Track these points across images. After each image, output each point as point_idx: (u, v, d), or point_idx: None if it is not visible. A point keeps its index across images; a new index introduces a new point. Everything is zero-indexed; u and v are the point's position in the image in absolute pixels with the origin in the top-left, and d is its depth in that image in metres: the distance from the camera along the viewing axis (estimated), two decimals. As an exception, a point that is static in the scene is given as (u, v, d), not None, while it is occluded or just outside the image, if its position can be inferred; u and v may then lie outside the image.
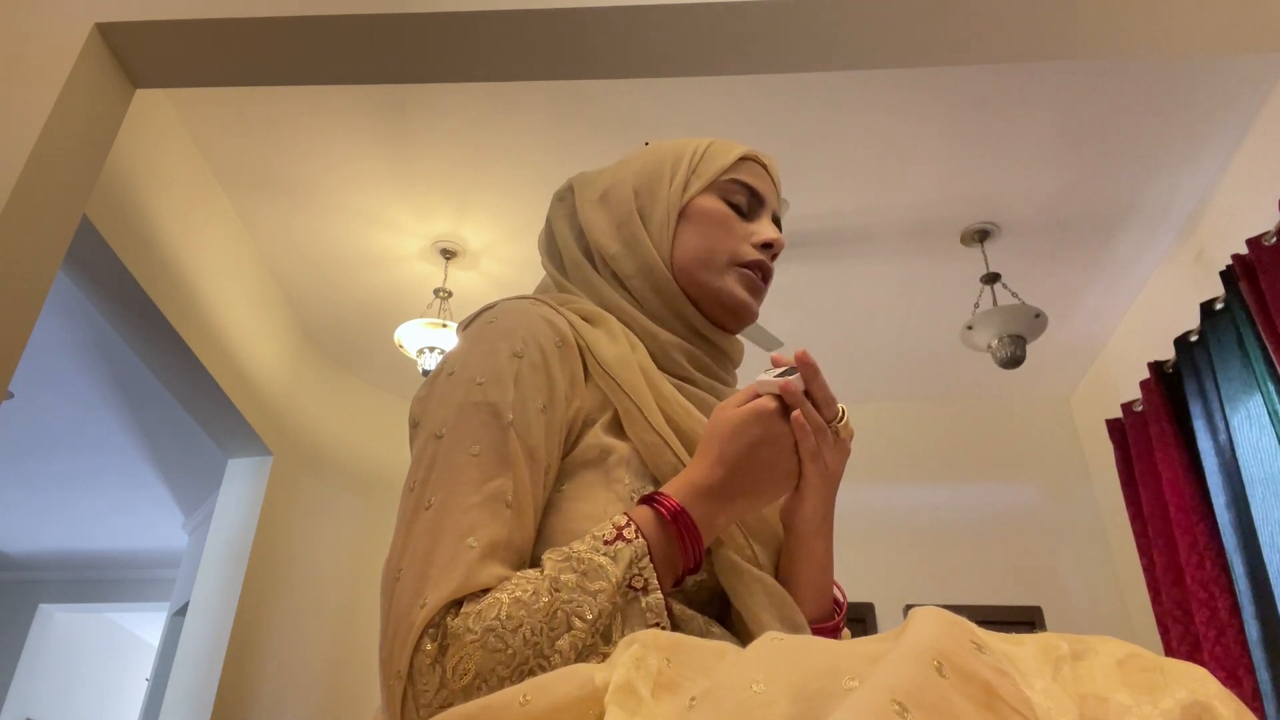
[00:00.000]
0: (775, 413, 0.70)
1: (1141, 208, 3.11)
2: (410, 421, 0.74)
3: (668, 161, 0.88)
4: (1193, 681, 0.45)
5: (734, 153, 0.88)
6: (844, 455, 0.75)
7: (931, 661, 0.41)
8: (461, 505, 0.64)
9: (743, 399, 0.72)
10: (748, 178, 0.88)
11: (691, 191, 0.86)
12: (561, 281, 0.89)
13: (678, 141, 0.91)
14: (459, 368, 0.72)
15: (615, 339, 0.79)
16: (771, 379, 0.72)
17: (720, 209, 0.86)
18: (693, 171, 0.87)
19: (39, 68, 1.93)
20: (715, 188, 0.87)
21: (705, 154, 0.88)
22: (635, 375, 0.76)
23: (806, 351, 0.72)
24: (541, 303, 0.78)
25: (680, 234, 0.85)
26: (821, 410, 0.72)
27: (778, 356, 0.75)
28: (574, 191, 0.92)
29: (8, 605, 5.99)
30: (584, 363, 0.77)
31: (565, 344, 0.75)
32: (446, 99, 2.80)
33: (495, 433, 0.67)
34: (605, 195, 0.89)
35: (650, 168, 0.89)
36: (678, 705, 0.46)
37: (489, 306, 0.78)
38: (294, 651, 3.65)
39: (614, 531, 0.65)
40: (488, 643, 0.58)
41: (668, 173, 0.87)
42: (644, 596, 0.63)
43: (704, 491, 0.68)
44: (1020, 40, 2.01)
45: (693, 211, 0.86)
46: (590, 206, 0.89)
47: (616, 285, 0.86)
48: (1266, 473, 2.57)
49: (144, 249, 2.76)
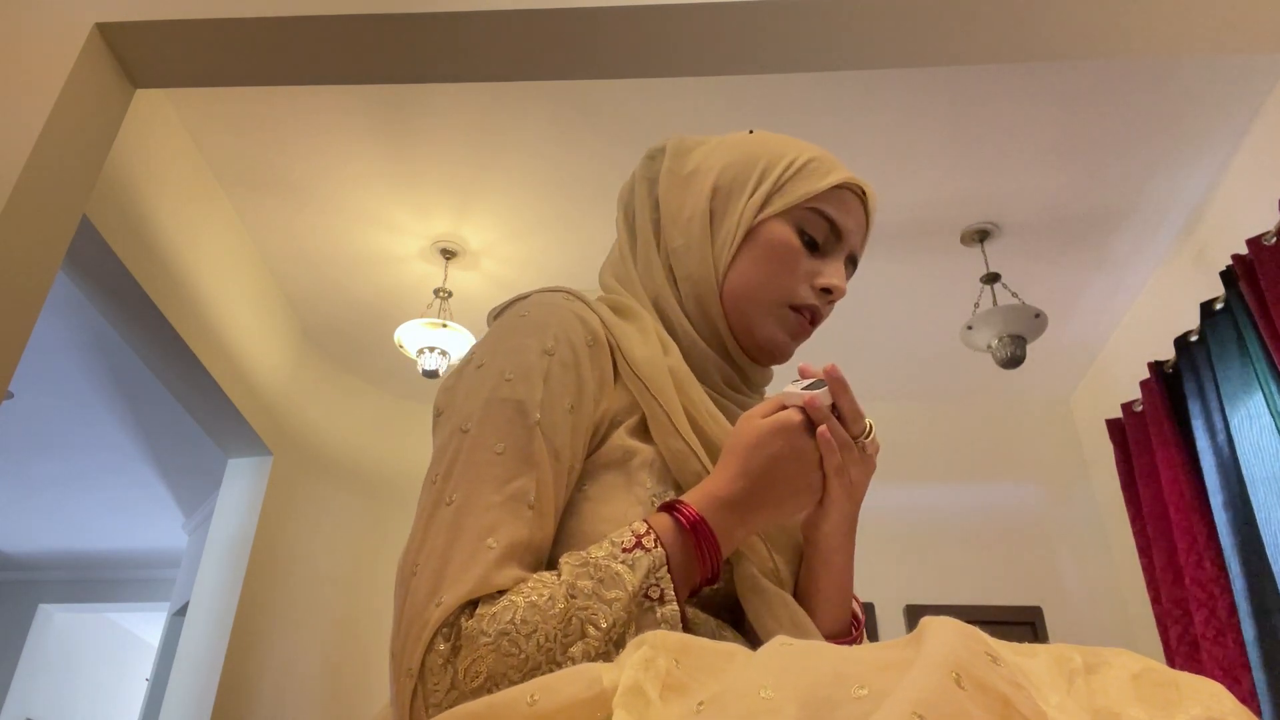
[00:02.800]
0: (800, 426, 0.69)
1: (1141, 208, 3.11)
2: (435, 410, 0.73)
3: (757, 166, 0.82)
4: (1208, 697, 0.45)
5: (828, 179, 0.80)
6: (869, 470, 0.73)
7: (950, 673, 0.41)
8: (483, 504, 0.63)
9: (768, 410, 0.70)
10: (833, 209, 0.80)
11: (769, 211, 0.80)
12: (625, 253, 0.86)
13: (778, 142, 0.84)
14: (488, 360, 0.71)
15: (648, 339, 0.77)
16: (798, 391, 0.70)
17: (790, 242, 0.79)
18: (777, 188, 0.80)
19: (39, 68, 1.93)
20: (795, 213, 0.80)
21: (799, 172, 0.81)
22: (665, 379, 0.74)
23: (836, 366, 0.71)
24: (575, 298, 0.76)
25: (741, 254, 0.80)
26: (849, 425, 0.70)
27: (805, 367, 0.74)
28: (666, 157, 0.87)
29: (8, 605, 5.99)
30: (614, 362, 0.75)
31: (597, 343, 0.74)
32: (446, 99, 2.80)
33: (521, 431, 0.66)
34: (690, 177, 0.84)
35: (737, 167, 0.82)
36: (685, 709, 0.46)
37: (522, 297, 0.76)
38: (294, 651, 3.65)
39: (633, 539, 0.64)
40: (501, 646, 0.58)
41: (753, 180, 0.81)
42: (660, 607, 0.62)
43: (725, 503, 0.67)
44: (1020, 40, 2.00)
45: (762, 235, 0.80)
46: (674, 182, 0.85)
47: (670, 278, 0.83)
48: (1268, 472, 2.57)
49: (144, 249, 2.76)
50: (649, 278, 0.83)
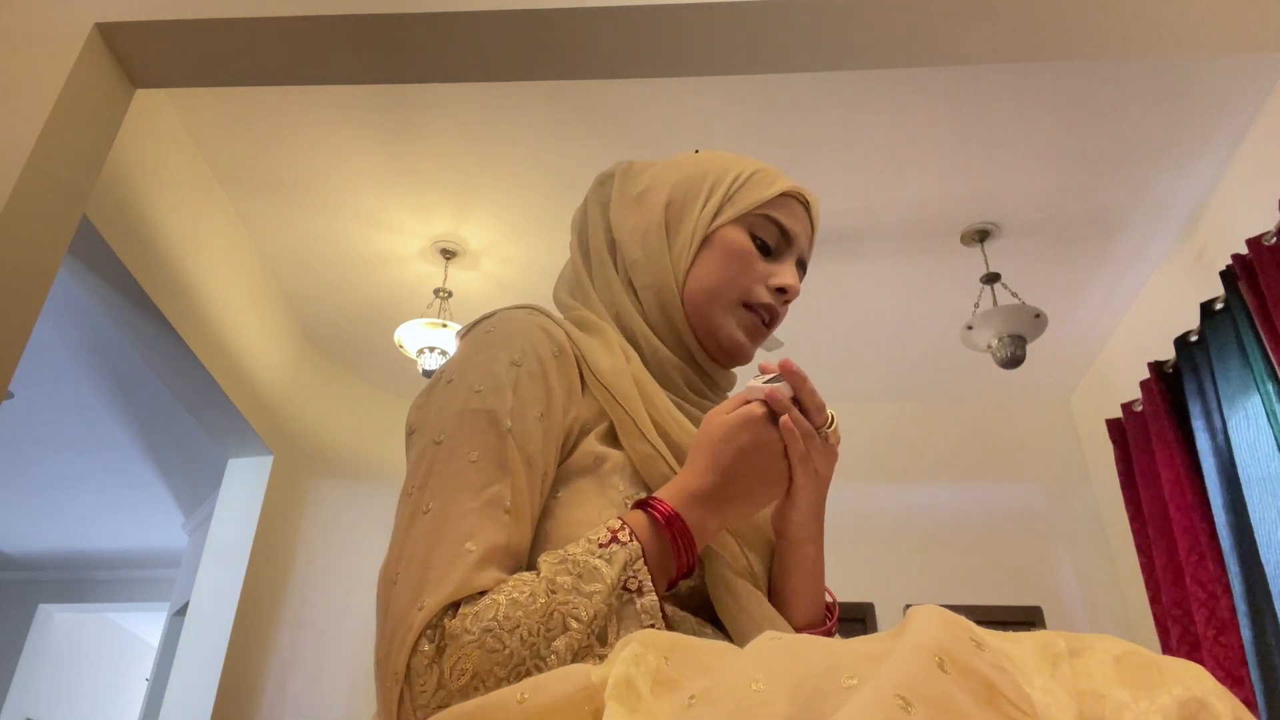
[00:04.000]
0: (763, 418, 0.71)
1: (1141, 208, 3.11)
2: (407, 429, 0.74)
3: (707, 180, 0.86)
4: (1189, 678, 0.45)
5: (774, 187, 0.85)
6: (833, 459, 0.76)
7: (933, 657, 0.41)
8: (460, 510, 0.65)
9: (732, 406, 0.72)
10: (782, 215, 0.85)
11: (722, 219, 0.84)
12: (580, 273, 0.89)
13: (724, 158, 0.88)
14: (457, 375, 0.73)
15: (611, 350, 0.79)
16: (760, 385, 0.73)
17: (744, 245, 0.84)
18: (728, 198, 0.85)
19: (39, 68, 1.93)
20: (746, 220, 0.84)
21: (746, 182, 0.85)
22: (630, 387, 0.77)
23: (790, 360, 0.73)
24: (539, 313, 0.78)
25: (699, 260, 0.84)
26: (811, 416, 0.73)
27: (765, 364, 0.76)
28: (615, 180, 0.91)
29: (8, 605, 5.99)
30: (580, 373, 0.77)
31: (562, 354, 0.76)
32: (446, 99, 2.80)
33: (493, 439, 0.68)
34: (641, 196, 0.88)
35: (688, 182, 0.87)
36: (677, 703, 0.47)
37: (487, 316, 0.78)
38: (294, 651, 3.65)
39: (608, 535, 0.65)
40: (485, 643, 0.58)
41: (704, 193, 0.85)
42: (639, 598, 0.63)
43: (697, 497, 0.69)
44: (1020, 40, 2.01)
45: (717, 240, 0.84)
46: (625, 203, 0.89)
47: (630, 291, 0.86)
48: (1263, 472, 2.57)
49: (144, 249, 2.76)
50: (607, 294, 0.86)
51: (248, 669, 3.41)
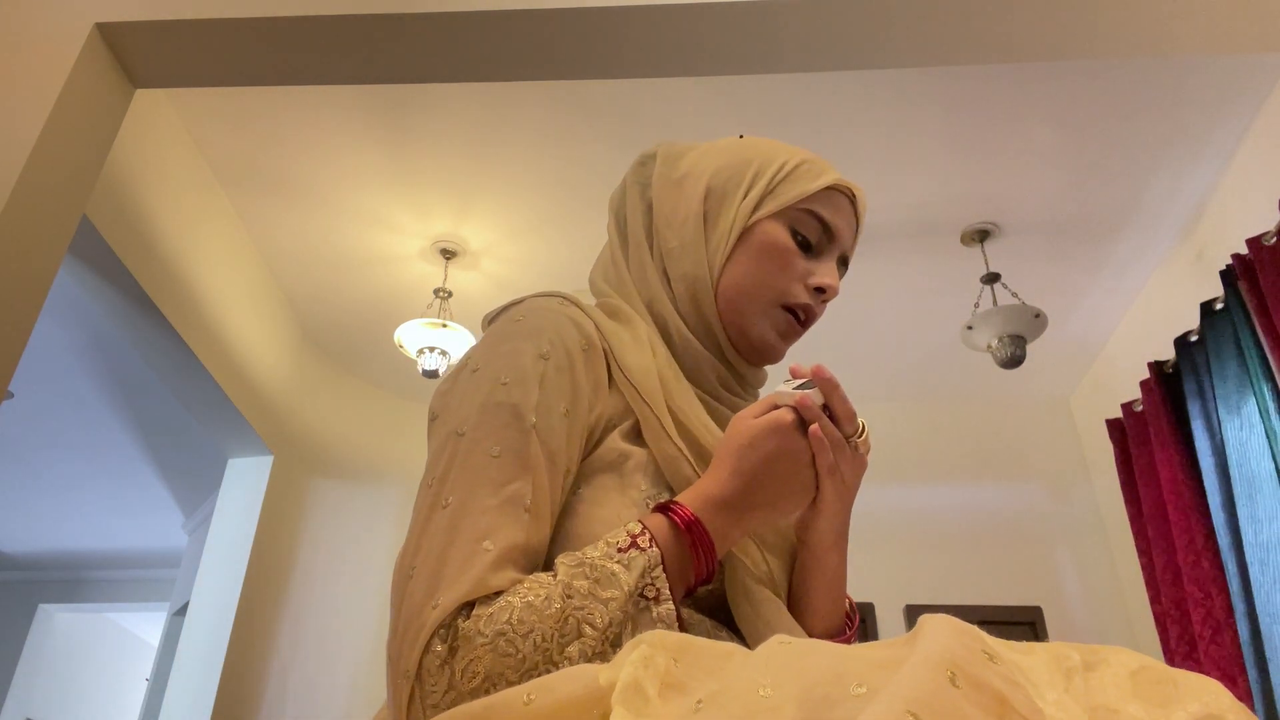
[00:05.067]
0: (792, 426, 0.69)
1: (1141, 208, 3.11)
2: (430, 414, 0.73)
3: (750, 169, 0.82)
4: (1206, 694, 0.44)
5: (820, 180, 0.81)
6: (861, 469, 0.73)
7: (945, 671, 0.41)
8: (479, 507, 0.64)
9: (760, 410, 0.70)
10: (826, 210, 0.81)
11: (762, 212, 0.81)
12: (617, 256, 0.87)
13: (769, 146, 0.85)
14: (483, 365, 0.71)
15: (640, 344, 0.77)
16: (790, 390, 0.70)
17: (783, 242, 0.80)
18: (770, 191, 0.81)
19: (39, 68, 1.93)
20: (788, 214, 0.81)
21: (790, 174, 0.81)
22: (655, 385, 0.75)
23: (824, 366, 0.71)
24: (569, 302, 0.76)
25: (736, 255, 0.81)
26: (841, 424, 0.71)
27: (796, 368, 0.74)
28: (657, 162, 0.88)
29: (8, 605, 5.98)
30: (608, 367, 0.75)
31: (591, 347, 0.74)
32: (446, 99, 2.80)
33: (517, 435, 0.67)
34: (682, 180, 0.85)
35: (729, 170, 0.83)
36: (684, 707, 0.46)
37: (516, 303, 0.77)
38: (294, 651, 3.65)
39: (628, 539, 0.64)
40: (498, 646, 0.58)
41: (745, 183, 0.82)
42: (656, 606, 0.62)
43: (719, 503, 0.67)
44: (1020, 40, 2.01)
45: (756, 235, 0.80)
46: (666, 186, 0.85)
47: (664, 279, 0.83)
48: (1257, 471, 2.57)
49: (144, 249, 2.76)
50: (642, 280, 0.84)
51: (248, 669, 3.41)
